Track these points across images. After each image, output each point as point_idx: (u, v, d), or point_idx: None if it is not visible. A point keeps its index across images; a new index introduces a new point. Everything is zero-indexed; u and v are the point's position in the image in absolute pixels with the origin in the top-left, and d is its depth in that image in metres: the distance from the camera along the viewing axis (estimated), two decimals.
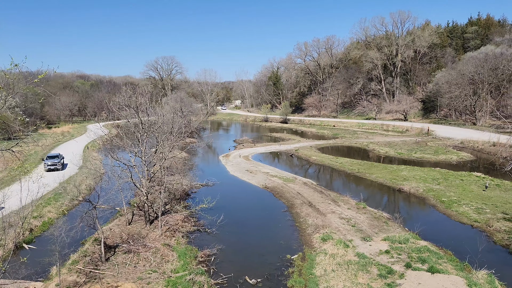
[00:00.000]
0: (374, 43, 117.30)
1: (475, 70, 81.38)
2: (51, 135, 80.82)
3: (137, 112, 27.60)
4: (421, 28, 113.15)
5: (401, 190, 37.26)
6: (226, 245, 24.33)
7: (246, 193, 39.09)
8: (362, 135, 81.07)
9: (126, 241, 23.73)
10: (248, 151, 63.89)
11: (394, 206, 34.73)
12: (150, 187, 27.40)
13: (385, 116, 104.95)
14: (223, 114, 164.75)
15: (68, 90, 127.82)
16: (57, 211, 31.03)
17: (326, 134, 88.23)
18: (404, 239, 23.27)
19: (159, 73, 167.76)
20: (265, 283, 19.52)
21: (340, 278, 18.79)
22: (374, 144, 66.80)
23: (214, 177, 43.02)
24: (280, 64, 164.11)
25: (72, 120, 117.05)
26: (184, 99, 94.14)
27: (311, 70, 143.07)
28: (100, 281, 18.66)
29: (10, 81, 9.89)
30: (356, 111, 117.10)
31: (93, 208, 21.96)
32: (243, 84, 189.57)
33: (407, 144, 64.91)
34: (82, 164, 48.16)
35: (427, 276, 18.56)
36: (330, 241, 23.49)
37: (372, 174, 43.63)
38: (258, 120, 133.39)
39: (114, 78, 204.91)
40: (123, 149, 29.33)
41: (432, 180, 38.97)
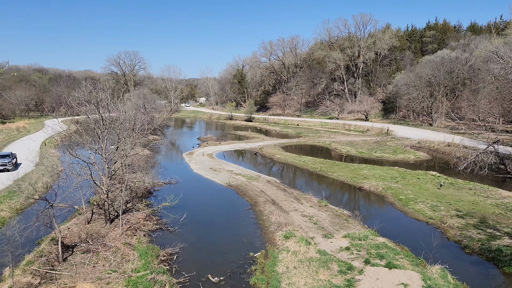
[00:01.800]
0: (337, 44, 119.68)
1: (432, 73, 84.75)
2: (4, 131, 77.10)
3: (97, 108, 26.81)
4: (382, 31, 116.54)
5: (361, 188, 38.27)
6: (188, 243, 24.14)
7: (209, 191, 38.91)
8: (324, 134, 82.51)
9: (85, 240, 23.07)
10: (212, 149, 63.58)
11: (354, 204, 35.65)
12: (110, 185, 26.73)
13: (347, 116, 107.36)
14: (187, 111, 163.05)
15: (25, 84, 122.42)
16: (11, 209, 29.69)
17: (290, 133, 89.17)
18: (364, 236, 23.94)
19: (122, 68, 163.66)
20: (227, 281, 19.53)
21: (302, 275, 19.10)
22: (336, 143, 68.15)
23: (178, 175, 42.54)
24: (245, 62, 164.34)
25: (28, 115, 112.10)
26: (147, 96, 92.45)
27: (276, 69, 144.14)
28: (56, 282, 18.03)
29: None
30: (319, 110, 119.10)
31: (50, 206, 21.19)
32: (207, 81, 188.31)
33: (368, 143, 66.70)
34: (38, 161, 46.26)
35: (385, 271, 19.20)
36: (293, 239, 23.80)
37: (334, 172, 44.55)
38: (222, 118, 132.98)
39: (74, 72, 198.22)
40: (82, 146, 28.40)
41: (390, 179, 40.28)
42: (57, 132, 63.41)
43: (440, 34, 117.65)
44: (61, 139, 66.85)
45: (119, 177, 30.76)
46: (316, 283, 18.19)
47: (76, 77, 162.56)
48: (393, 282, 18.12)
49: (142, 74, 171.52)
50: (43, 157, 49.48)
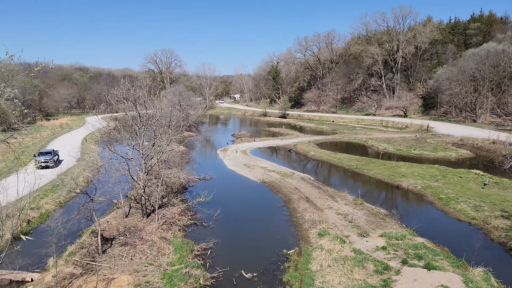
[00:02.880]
0: (375, 39, 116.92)
1: (476, 67, 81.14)
2: (49, 127, 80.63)
3: (135, 105, 27.48)
4: (422, 24, 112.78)
5: (399, 186, 37.26)
6: (222, 239, 24.33)
7: (243, 187, 39.06)
8: (361, 131, 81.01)
9: (123, 233, 23.72)
10: (246, 145, 63.82)
11: (391, 202, 34.77)
12: (147, 180, 27.35)
13: (384, 112, 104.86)
14: (221, 108, 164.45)
15: (67, 82, 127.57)
16: (55, 202, 31.01)
17: (325, 130, 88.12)
18: (401, 235, 23.28)
19: (158, 66, 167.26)
20: (260, 278, 19.53)
21: (336, 274, 18.81)
22: (373, 140, 66.75)
23: (212, 171, 42.99)
24: (280, 59, 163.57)
25: (70, 112, 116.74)
26: (183, 93, 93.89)
27: (311, 65, 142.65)
28: (96, 273, 18.65)
29: (6, 73, 9.78)
30: (356, 106, 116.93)
31: (90, 200, 21.92)
32: (242, 78, 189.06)
33: (406, 140, 64.89)
34: (80, 156, 48.06)
35: (424, 272, 18.58)
36: (327, 237, 23.49)
37: (370, 170, 43.62)
38: (256, 114, 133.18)
39: (113, 70, 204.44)
40: (120, 142, 29.20)
41: (430, 177, 38.96)
42: (97, 128, 65.53)
43: (486, 26, 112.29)
44: (101, 135, 69.13)
45: (155, 173, 31.44)
46: (351, 282, 17.86)
47: (115, 75, 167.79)
48: (432, 283, 17.50)
49: (178, 72, 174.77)
50: (84, 152, 51.35)
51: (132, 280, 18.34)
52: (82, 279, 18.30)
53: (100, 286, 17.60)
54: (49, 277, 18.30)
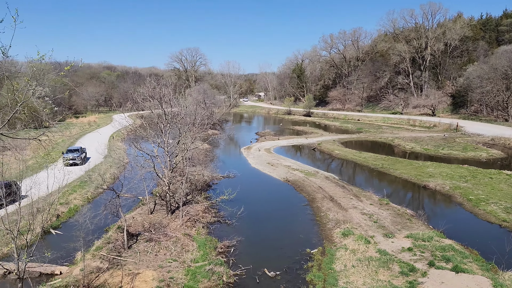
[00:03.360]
0: (402, 36, 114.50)
1: (508, 65, 78.30)
2: (78, 125, 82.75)
3: (160, 103, 27.87)
4: (452, 20, 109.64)
5: (426, 187, 36.42)
6: (245, 237, 24.37)
7: (266, 185, 39.04)
8: (387, 130, 79.66)
9: (148, 229, 24.09)
10: (270, 143, 63.74)
11: (418, 203, 34.03)
12: (172, 177, 27.68)
13: (412, 110, 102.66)
14: (245, 106, 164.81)
15: (95, 81, 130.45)
16: (83, 198, 31.80)
17: (350, 128, 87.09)
18: (428, 237, 22.73)
19: (183, 65, 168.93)
20: (283, 276, 19.46)
21: (361, 274, 18.55)
22: (400, 139, 65.52)
23: (235, 169, 43.12)
24: (304, 57, 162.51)
25: (98, 110, 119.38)
26: (207, 91, 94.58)
27: (336, 63, 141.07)
28: (122, 268, 19.03)
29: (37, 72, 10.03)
30: (382, 105, 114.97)
31: (116, 196, 22.36)
32: (266, 76, 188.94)
33: (434, 140, 63.37)
34: (107, 153, 49.09)
35: (451, 275, 18.09)
36: (351, 237, 23.20)
37: (396, 170, 42.80)
38: (281, 113, 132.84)
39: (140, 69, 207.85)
40: (146, 140, 29.69)
41: (459, 178, 37.91)
42: (123, 126, 66.85)
43: None
44: (127, 133, 70.51)
45: (180, 170, 31.79)
46: (376, 283, 17.57)
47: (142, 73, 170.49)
48: (460, 287, 17.03)
49: (203, 70, 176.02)
50: (111, 149, 52.47)
51: (157, 275, 18.61)
52: (108, 273, 18.70)
53: (125, 280, 17.93)
54: (77, 271, 18.78)
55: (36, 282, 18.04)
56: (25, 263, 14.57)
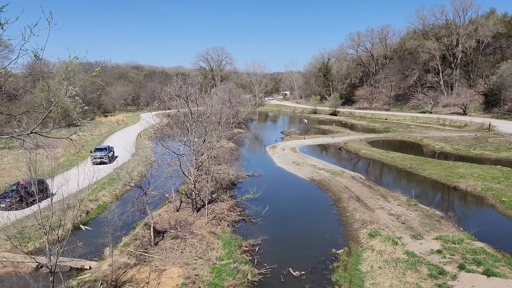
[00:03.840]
0: (432, 33, 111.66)
1: None
2: (106, 123, 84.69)
3: (187, 102, 28.15)
4: (485, 16, 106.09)
5: (456, 188, 35.40)
6: (270, 236, 24.33)
7: (292, 185, 38.87)
8: (416, 129, 77.94)
9: (174, 227, 24.40)
10: (296, 143, 63.45)
11: (448, 204, 33.14)
12: (197, 175, 27.94)
13: (441, 109, 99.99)
14: (270, 105, 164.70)
15: (123, 80, 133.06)
16: (111, 195, 32.53)
17: (377, 128, 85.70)
18: (458, 239, 22.10)
19: (209, 64, 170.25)
20: (309, 276, 19.32)
21: (388, 276, 18.20)
22: (429, 138, 63.98)
23: (260, 168, 43.12)
24: (331, 55, 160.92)
25: (126, 109, 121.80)
26: (233, 90, 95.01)
27: (364, 61, 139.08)
28: (149, 264, 19.34)
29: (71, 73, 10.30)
30: (410, 104, 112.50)
31: (143, 194, 22.74)
32: (292, 75, 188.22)
33: (465, 139, 61.50)
34: (134, 151, 50.03)
35: (482, 279, 17.52)
36: (378, 237, 22.81)
37: (425, 170, 41.80)
38: (306, 111, 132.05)
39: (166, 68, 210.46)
40: (173, 138, 30.06)
41: (491, 179, 36.66)
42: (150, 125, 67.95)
43: None
44: (154, 132, 71.62)
45: (205, 168, 32.03)
46: (403, 286, 17.21)
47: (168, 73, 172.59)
48: None
49: (228, 69, 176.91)
50: (138, 148, 53.45)
51: (183, 272, 18.83)
52: (136, 269, 19.05)
53: (152, 276, 18.21)
54: (106, 266, 19.22)
55: (67, 276, 18.56)
56: (57, 257, 14.99)
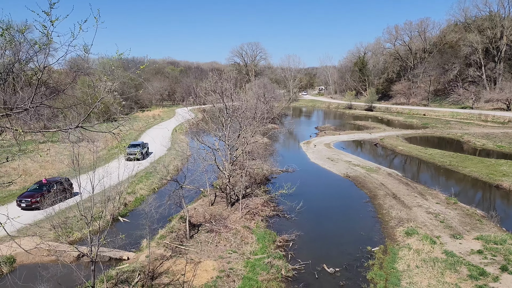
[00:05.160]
0: (474, 25, 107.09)
1: None
2: (144, 118, 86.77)
3: (222, 97, 28.41)
4: None
5: (499, 186, 33.97)
6: (304, 231, 24.27)
7: (326, 181, 38.52)
8: (456, 126, 75.25)
9: (209, 221, 24.79)
10: (330, 138, 62.76)
11: (490, 203, 31.87)
12: (232, 170, 28.21)
13: (483, 105, 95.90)
14: (305, 100, 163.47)
15: (160, 76, 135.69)
16: (148, 188, 33.37)
17: (415, 124, 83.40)
18: (501, 239, 21.24)
19: (244, 59, 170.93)
20: (343, 273, 19.16)
21: (425, 275, 17.76)
22: (470, 135, 61.63)
23: (294, 163, 42.95)
24: (367, 49, 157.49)
25: (162, 104, 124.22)
26: (267, 85, 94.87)
27: (401, 55, 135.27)
28: (184, 256, 19.77)
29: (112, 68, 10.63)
30: (450, 99, 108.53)
31: (179, 187, 23.23)
32: (327, 70, 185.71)
33: (509, 136, 58.79)
34: (170, 146, 51.02)
35: None
36: (415, 236, 22.27)
37: (465, 167, 40.32)
38: (341, 107, 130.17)
39: (201, 64, 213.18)
40: (208, 133, 30.45)
41: None
42: (186, 119, 69.09)
43: None
44: (189, 126, 72.77)
45: (239, 163, 32.30)
46: (442, 286, 16.75)
47: (203, 68, 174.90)
48: None
49: (263, 64, 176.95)
50: (174, 142, 54.49)
51: (217, 265, 19.13)
52: (172, 261, 19.53)
53: (187, 268, 18.61)
54: (143, 257, 19.80)
55: (106, 266, 19.25)
56: (98, 247, 15.58)
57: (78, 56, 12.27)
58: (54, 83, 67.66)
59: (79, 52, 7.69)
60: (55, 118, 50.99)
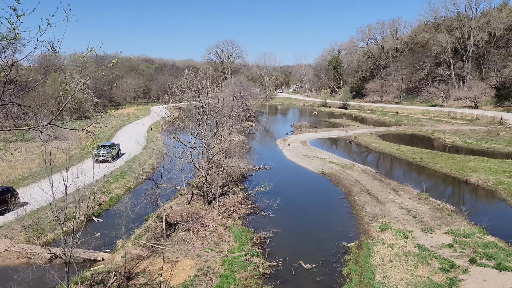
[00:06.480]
0: (444, 25, 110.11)
1: None
2: (117, 116, 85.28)
3: (198, 95, 28.27)
4: (497, 8, 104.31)
5: (468, 181, 35.17)
6: (281, 228, 24.48)
7: (302, 178, 38.93)
8: (426, 123, 77.30)
9: (186, 219, 24.66)
10: (306, 136, 63.38)
11: (459, 198, 32.96)
12: (209, 168, 28.14)
13: (453, 103, 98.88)
14: (281, 98, 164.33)
15: (134, 73, 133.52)
16: (124, 187, 32.90)
17: (388, 121, 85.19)
18: (470, 233, 22.05)
19: (220, 57, 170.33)
20: (320, 269, 19.45)
21: (398, 269, 18.25)
22: (440, 132, 63.46)
23: (271, 161, 43.19)
24: (341, 48, 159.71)
25: (137, 102, 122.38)
26: (243, 83, 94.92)
27: (374, 54, 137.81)
28: (161, 256, 19.63)
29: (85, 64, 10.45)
30: (421, 97, 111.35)
31: (156, 186, 23.01)
32: (302, 68, 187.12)
33: (477, 133, 60.84)
34: (145, 144, 50.37)
35: (494, 273, 17.49)
36: (389, 231, 22.83)
37: (436, 163, 41.55)
38: (316, 105, 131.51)
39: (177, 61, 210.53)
40: (184, 131, 30.25)
41: (503, 173, 36.32)
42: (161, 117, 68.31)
43: None
44: (165, 124, 72.00)
45: (216, 161, 32.23)
46: (414, 279, 17.26)
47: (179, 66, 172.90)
48: (504, 285, 16.44)
49: (239, 62, 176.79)
50: (149, 140, 53.79)
51: (195, 264, 19.08)
52: (148, 261, 19.35)
53: (164, 268, 18.48)
54: (118, 258, 19.54)
55: (80, 267, 18.89)
56: (71, 248, 15.27)
57: (48, 51, 11.70)
58: (24, 80, 65.61)
59: (48, 47, 7.56)
60: (25, 116, 49.39)
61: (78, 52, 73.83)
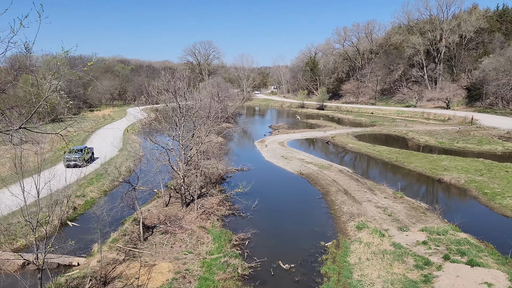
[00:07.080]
0: (416, 28, 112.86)
1: None
2: (92, 118, 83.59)
3: (175, 97, 28.03)
4: (467, 12, 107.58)
5: (441, 180, 36.09)
6: (260, 229, 24.51)
7: (281, 179, 39.11)
8: (401, 123, 78.96)
9: (164, 222, 24.40)
10: (284, 137, 63.71)
11: (433, 196, 33.77)
12: (186, 170, 27.93)
13: (426, 104, 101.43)
14: (259, 99, 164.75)
15: (109, 74, 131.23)
16: (99, 191, 32.28)
17: (364, 122, 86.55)
18: (443, 230, 22.61)
19: (197, 58, 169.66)
20: (298, 269, 19.57)
21: (375, 267, 18.56)
22: (414, 132, 64.91)
23: (249, 162, 43.23)
24: (318, 50, 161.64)
25: (112, 104, 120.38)
26: (221, 84, 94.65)
27: (350, 56, 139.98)
28: (138, 259, 19.35)
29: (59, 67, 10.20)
30: (396, 98, 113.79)
31: (132, 189, 22.67)
32: (279, 69, 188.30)
33: (449, 133, 62.59)
34: (122, 146, 49.60)
35: (467, 269, 17.99)
36: (366, 230, 23.18)
37: (410, 163, 42.47)
38: (294, 106, 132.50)
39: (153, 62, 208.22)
40: (161, 133, 29.94)
41: (474, 171, 37.45)
42: (138, 119, 67.42)
43: None
44: (142, 126, 71.08)
45: (194, 163, 32.03)
46: (390, 277, 17.57)
47: (155, 67, 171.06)
48: (476, 280, 16.93)
49: (216, 63, 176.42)
50: (126, 143, 53.00)
51: (173, 267, 18.90)
52: (125, 265, 19.05)
53: (142, 272, 18.24)
54: (94, 262, 19.15)
55: (55, 273, 18.42)
56: (45, 254, 14.88)
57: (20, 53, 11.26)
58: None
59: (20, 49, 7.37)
60: None
61: (51, 53, 72.18)
